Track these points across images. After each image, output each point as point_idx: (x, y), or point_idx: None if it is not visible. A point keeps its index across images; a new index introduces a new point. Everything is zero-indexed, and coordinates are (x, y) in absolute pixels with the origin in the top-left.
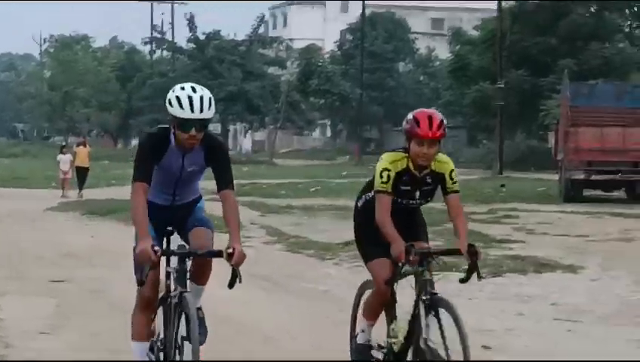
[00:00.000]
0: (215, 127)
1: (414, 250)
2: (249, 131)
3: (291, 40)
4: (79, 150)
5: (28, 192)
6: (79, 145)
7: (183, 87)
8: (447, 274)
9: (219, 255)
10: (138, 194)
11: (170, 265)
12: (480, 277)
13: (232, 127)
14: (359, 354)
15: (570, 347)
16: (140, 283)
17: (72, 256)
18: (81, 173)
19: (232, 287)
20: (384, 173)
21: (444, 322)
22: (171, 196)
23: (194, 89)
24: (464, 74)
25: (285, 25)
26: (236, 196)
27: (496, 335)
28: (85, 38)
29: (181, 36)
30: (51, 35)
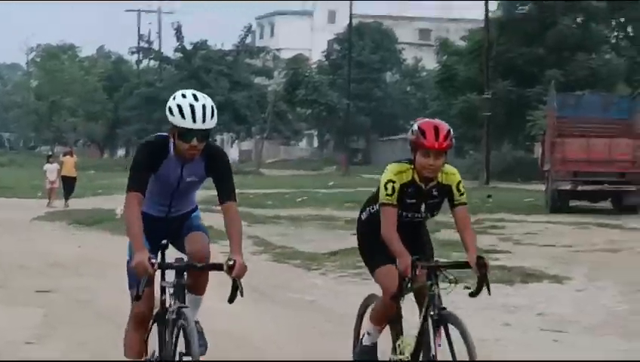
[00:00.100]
0: None
1: (421, 264)
2: (236, 141)
3: (278, 50)
4: (66, 160)
5: (14, 202)
6: (66, 154)
7: (184, 95)
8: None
9: (219, 268)
10: (133, 204)
11: (165, 279)
12: (489, 291)
13: (218, 137)
14: (365, 355)
15: (557, 357)
16: (137, 298)
17: (58, 266)
18: (68, 183)
19: (232, 302)
20: (389, 185)
21: (453, 339)
22: (167, 207)
23: (196, 97)
24: (451, 84)
25: (272, 35)
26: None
27: (484, 345)
28: (72, 47)
29: (168, 46)
30: (38, 45)
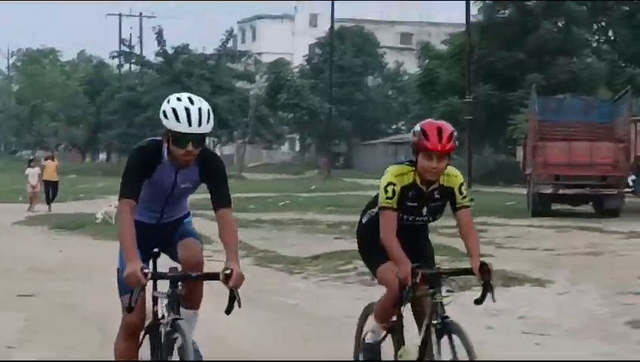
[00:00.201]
0: None
1: (422, 271)
2: (218, 145)
3: (260, 54)
4: (47, 164)
5: None
6: (47, 159)
7: (179, 98)
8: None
9: (215, 277)
10: (125, 212)
11: (158, 289)
12: (494, 298)
13: None
14: (368, 352)
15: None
16: (129, 310)
17: (40, 270)
18: (50, 187)
19: (230, 313)
20: (389, 188)
21: (457, 349)
22: (159, 214)
23: (191, 100)
24: (432, 88)
25: (254, 39)
26: (203, 210)
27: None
28: (53, 51)
29: (150, 50)
30: (19, 49)
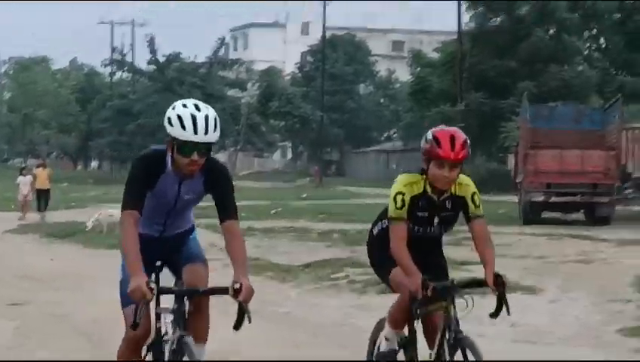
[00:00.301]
0: None
1: (433, 283)
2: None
3: (252, 62)
4: (39, 172)
5: None
6: (39, 167)
7: (184, 104)
8: None
9: (224, 291)
10: (129, 224)
11: (161, 305)
12: (509, 311)
13: None
14: (383, 358)
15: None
16: (134, 327)
17: (31, 279)
18: (42, 195)
19: (239, 329)
20: (398, 198)
21: None
22: (162, 226)
23: (197, 107)
24: (424, 96)
25: (246, 47)
26: (198, 218)
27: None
28: (45, 59)
29: (141, 58)
30: (10, 57)
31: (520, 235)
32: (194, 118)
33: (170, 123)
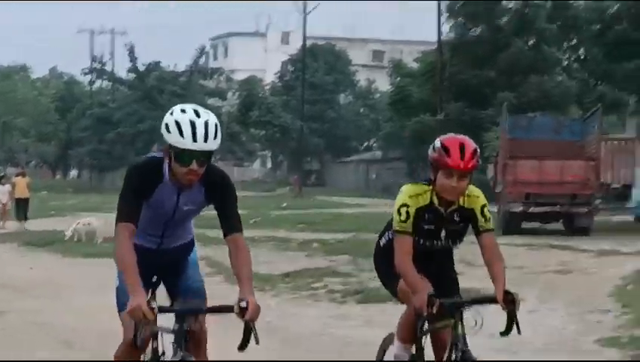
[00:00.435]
0: None
1: (440, 300)
2: None
3: (232, 71)
4: (18, 181)
5: None
6: (18, 175)
7: (183, 110)
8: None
9: (229, 310)
10: (124, 237)
11: (157, 324)
12: (519, 330)
13: None
14: None
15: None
16: (135, 346)
17: (10, 287)
18: (21, 204)
19: (244, 349)
20: (402, 210)
21: None
22: (159, 238)
23: (197, 112)
24: (404, 106)
25: (226, 56)
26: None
27: None
28: (24, 68)
29: (121, 67)
30: None
31: (499, 246)
32: (193, 124)
33: (168, 129)
